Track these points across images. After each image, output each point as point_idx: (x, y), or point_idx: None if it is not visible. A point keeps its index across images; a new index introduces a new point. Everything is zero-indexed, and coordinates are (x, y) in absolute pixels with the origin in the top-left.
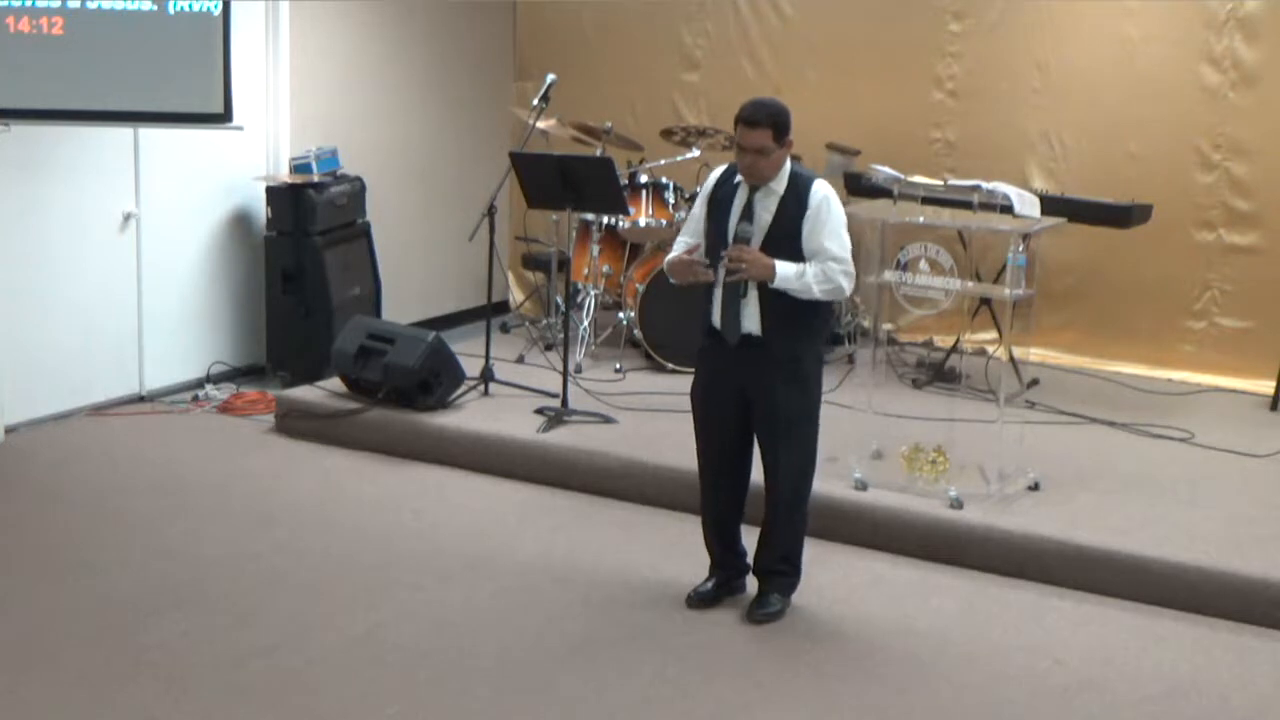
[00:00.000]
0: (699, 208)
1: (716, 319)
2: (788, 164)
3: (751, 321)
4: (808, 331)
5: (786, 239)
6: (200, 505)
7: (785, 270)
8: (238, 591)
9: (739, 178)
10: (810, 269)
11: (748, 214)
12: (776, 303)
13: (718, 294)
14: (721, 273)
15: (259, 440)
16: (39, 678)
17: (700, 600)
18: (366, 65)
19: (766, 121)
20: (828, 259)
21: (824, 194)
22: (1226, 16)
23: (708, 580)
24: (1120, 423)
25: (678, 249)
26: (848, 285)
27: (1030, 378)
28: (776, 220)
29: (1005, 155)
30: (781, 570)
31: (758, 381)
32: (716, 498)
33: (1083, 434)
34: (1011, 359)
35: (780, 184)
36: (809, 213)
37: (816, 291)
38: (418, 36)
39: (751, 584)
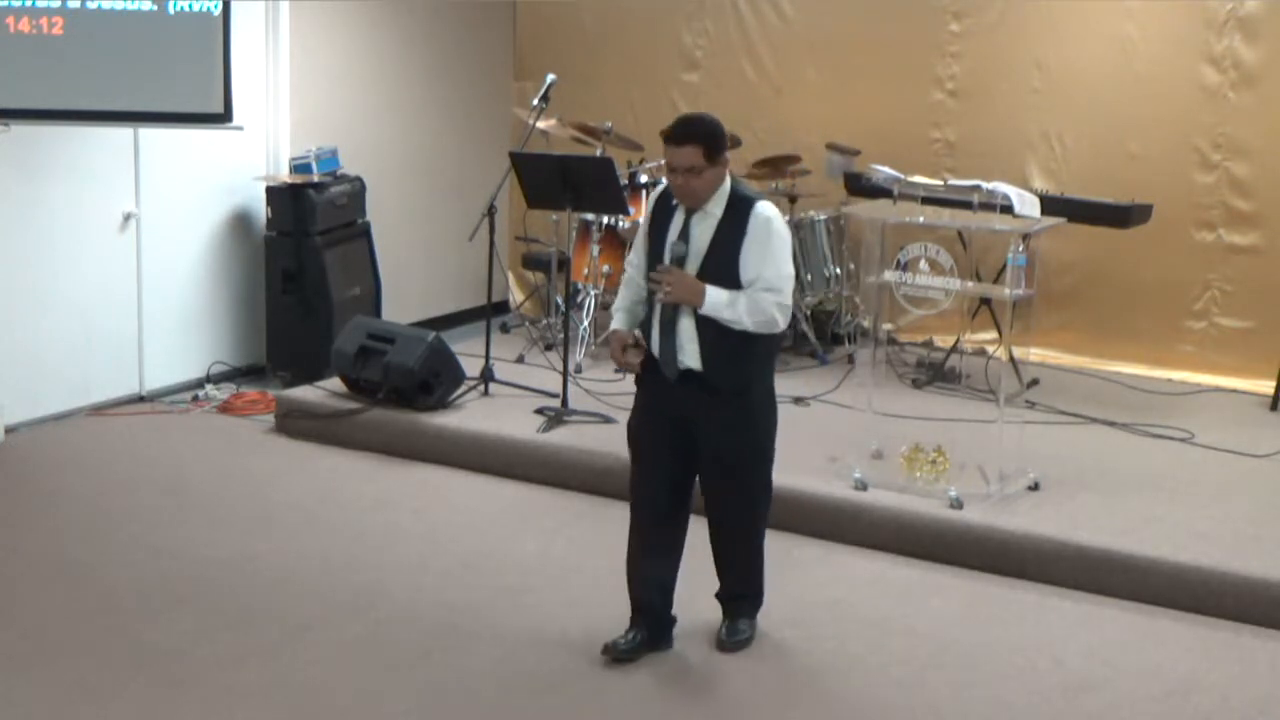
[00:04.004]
0: (641, 231)
1: (655, 348)
2: (727, 183)
3: (690, 356)
4: (753, 361)
5: (725, 264)
6: (200, 505)
7: (715, 297)
8: (238, 591)
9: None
10: (743, 299)
11: (684, 237)
12: (714, 332)
13: (655, 321)
14: (658, 299)
15: (259, 440)
16: (39, 678)
17: (623, 654)
18: (366, 65)
19: (696, 139)
20: (762, 288)
21: (766, 216)
22: (1226, 16)
23: (631, 632)
24: (1120, 423)
25: (627, 274)
26: (782, 319)
27: (1030, 378)
28: (714, 244)
29: (1005, 155)
30: (744, 595)
31: (701, 420)
32: (649, 550)
33: (1083, 434)
34: (1011, 359)
35: (718, 206)
36: (748, 236)
37: (748, 323)
38: (418, 36)
39: (678, 638)
